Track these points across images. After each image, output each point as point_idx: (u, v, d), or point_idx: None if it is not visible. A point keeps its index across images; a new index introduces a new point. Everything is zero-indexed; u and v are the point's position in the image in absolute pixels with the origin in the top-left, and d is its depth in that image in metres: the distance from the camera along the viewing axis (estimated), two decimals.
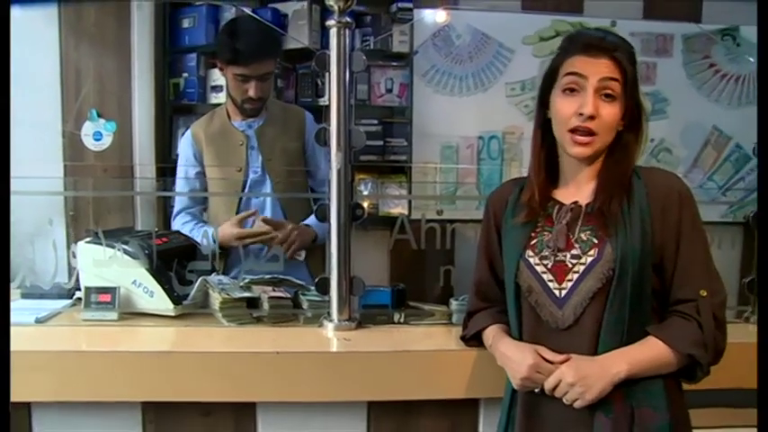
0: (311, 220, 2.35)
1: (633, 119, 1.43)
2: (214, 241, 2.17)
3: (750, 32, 3.44)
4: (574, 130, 1.39)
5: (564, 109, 1.40)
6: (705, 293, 1.39)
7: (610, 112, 1.38)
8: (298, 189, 2.52)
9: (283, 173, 2.42)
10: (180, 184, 2.57)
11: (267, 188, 2.46)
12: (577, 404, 1.36)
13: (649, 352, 1.37)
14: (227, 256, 2.38)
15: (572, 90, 1.40)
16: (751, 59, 3.38)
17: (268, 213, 2.45)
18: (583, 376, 1.35)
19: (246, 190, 2.46)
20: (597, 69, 1.38)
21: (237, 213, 2.44)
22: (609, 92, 1.38)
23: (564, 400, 1.37)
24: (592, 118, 1.37)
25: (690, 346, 1.36)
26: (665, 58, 3.49)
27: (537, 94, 1.51)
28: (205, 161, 2.52)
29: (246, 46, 2.36)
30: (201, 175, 2.53)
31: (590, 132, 1.38)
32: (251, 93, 2.38)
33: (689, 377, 1.42)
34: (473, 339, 1.66)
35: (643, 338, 1.39)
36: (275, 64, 2.43)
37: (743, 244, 2.59)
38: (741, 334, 1.90)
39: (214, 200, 2.55)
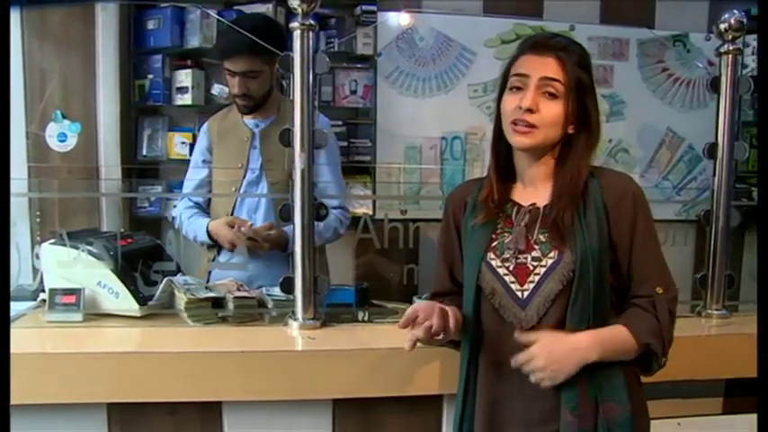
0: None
1: (583, 122, 1.45)
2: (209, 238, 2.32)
3: (698, 39, 3.56)
4: (515, 123, 1.42)
5: (507, 104, 1.44)
6: (661, 291, 1.43)
7: (551, 110, 1.41)
8: None
9: (282, 175, 2.32)
10: (189, 173, 2.58)
11: (262, 189, 2.45)
12: (544, 384, 1.37)
13: (618, 337, 1.40)
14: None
15: (518, 88, 1.43)
16: (699, 65, 3.48)
17: (261, 214, 2.44)
18: (554, 361, 1.36)
19: (242, 189, 2.44)
20: (539, 68, 1.42)
21: (233, 211, 2.45)
22: (551, 90, 1.41)
23: (531, 379, 1.38)
24: (531, 111, 1.40)
25: (648, 336, 1.40)
26: (621, 62, 3.58)
27: (496, 96, 1.53)
28: (214, 155, 2.53)
29: (226, 42, 2.38)
30: (210, 165, 2.54)
31: (529, 125, 1.41)
32: (235, 89, 2.39)
33: (643, 368, 1.46)
34: None
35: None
36: (263, 64, 2.35)
37: (695, 241, 2.66)
38: (694, 328, 1.97)
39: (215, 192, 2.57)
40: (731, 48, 2.00)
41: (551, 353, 1.37)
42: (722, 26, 1.99)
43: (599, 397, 1.40)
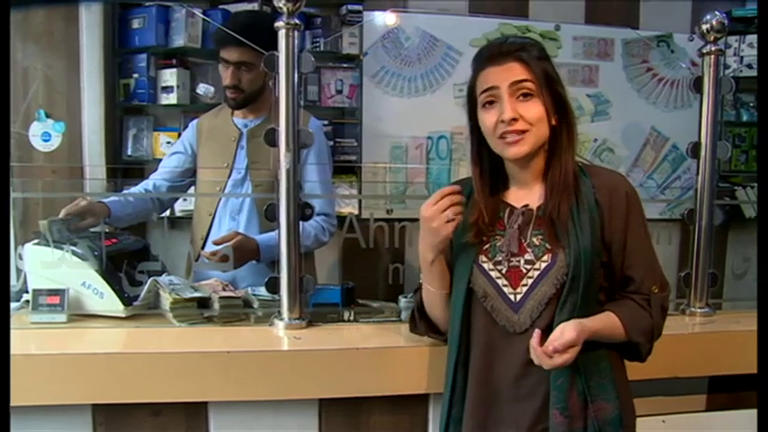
0: (266, 235, 2.25)
1: (561, 112, 1.45)
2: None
3: (682, 39, 3.60)
4: (502, 136, 1.41)
5: (487, 121, 1.43)
6: (657, 290, 1.45)
7: (531, 109, 1.40)
8: None
9: (267, 176, 2.27)
10: (162, 161, 2.58)
11: (246, 190, 2.42)
12: (561, 363, 1.34)
13: (608, 325, 1.40)
14: None
15: (491, 103, 1.42)
16: (683, 65, 3.52)
17: (244, 216, 2.42)
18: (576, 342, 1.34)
19: (226, 189, 2.42)
20: (505, 76, 1.40)
21: (216, 210, 2.44)
22: (524, 91, 1.41)
23: (556, 361, 1.33)
24: (515, 120, 1.39)
25: (639, 335, 1.42)
26: (606, 62, 3.61)
27: (466, 117, 1.51)
28: (199, 153, 2.50)
29: (223, 31, 2.37)
30: (181, 157, 2.52)
31: (519, 132, 1.40)
32: (227, 80, 2.36)
33: (623, 354, 1.48)
34: (422, 327, 1.64)
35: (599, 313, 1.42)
36: (258, 58, 2.20)
37: (680, 240, 2.68)
38: (678, 326, 1.98)
39: (199, 192, 2.55)
40: (713, 48, 2.01)
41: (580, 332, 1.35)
42: (704, 27, 2.00)
43: (588, 396, 1.40)
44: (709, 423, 1.95)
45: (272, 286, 1.87)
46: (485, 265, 1.46)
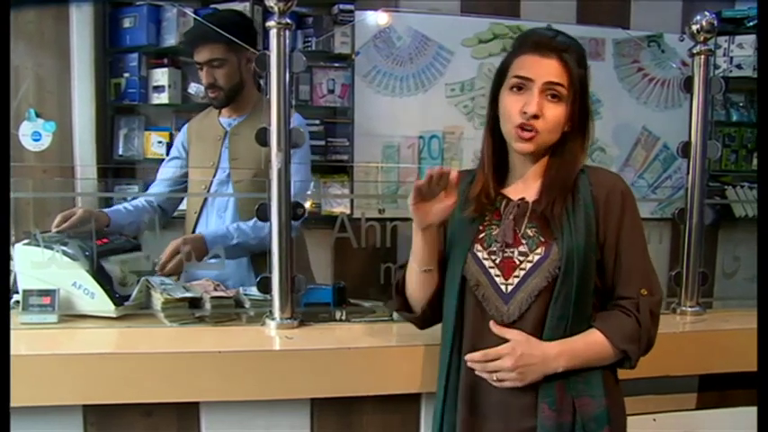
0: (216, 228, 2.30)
1: (580, 121, 1.46)
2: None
3: (672, 39, 3.61)
4: (519, 127, 1.42)
5: (510, 106, 1.44)
6: (645, 292, 1.44)
7: (554, 113, 1.42)
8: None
9: (246, 174, 2.32)
10: (160, 171, 2.57)
11: (230, 189, 2.42)
12: (505, 385, 1.41)
13: (592, 346, 1.42)
14: None
15: (519, 88, 1.43)
16: (674, 65, 3.53)
17: (230, 212, 2.41)
18: (521, 365, 1.39)
19: (212, 189, 2.42)
20: (543, 72, 1.41)
21: (201, 211, 2.44)
22: (554, 93, 1.42)
23: (493, 377, 1.41)
24: (536, 117, 1.41)
25: (625, 342, 1.42)
26: (598, 62, 3.62)
27: (489, 90, 1.52)
28: (190, 154, 2.51)
29: (191, 35, 2.39)
30: (178, 161, 2.52)
31: (533, 128, 1.42)
32: (203, 80, 2.37)
33: (615, 364, 1.48)
34: (396, 303, 1.63)
35: (585, 331, 1.43)
36: (227, 52, 2.32)
37: (670, 239, 2.69)
38: (669, 325, 1.99)
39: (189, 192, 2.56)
40: (703, 49, 2.02)
41: (522, 356, 1.39)
42: (694, 27, 2.01)
43: (574, 393, 1.41)
44: (700, 421, 1.96)
45: (264, 286, 1.87)
46: (479, 254, 1.47)
